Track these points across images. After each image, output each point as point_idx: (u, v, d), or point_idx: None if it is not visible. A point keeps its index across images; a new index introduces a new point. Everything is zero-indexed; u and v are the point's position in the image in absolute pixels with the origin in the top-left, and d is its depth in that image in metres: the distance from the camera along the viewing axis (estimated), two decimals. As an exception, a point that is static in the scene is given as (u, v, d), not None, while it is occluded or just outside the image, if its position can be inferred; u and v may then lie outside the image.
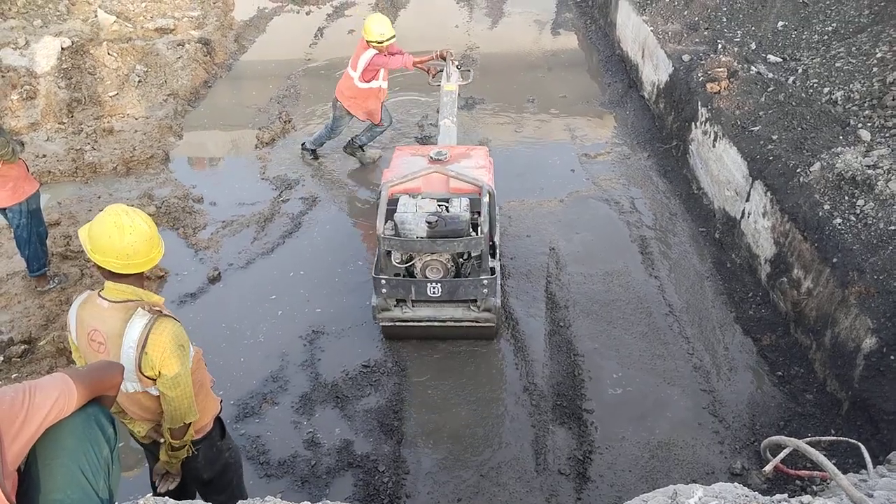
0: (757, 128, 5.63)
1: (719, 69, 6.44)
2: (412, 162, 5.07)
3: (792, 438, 3.04)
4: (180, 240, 6.14)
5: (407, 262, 4.70)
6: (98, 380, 2.20)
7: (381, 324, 4.87)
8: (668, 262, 5.76)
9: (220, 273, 5.73)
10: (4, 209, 5.14)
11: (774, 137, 5.40)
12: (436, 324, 4.80)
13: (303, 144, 7.41)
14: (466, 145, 5.72)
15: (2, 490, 1.75)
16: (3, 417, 1.79)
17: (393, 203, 4.68)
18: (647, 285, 5.50)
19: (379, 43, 6.28)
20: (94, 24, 9.59)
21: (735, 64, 6.46)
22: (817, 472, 3.27)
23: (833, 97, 5.57)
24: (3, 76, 8.10)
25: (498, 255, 4.96)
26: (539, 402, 4.53)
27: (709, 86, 6.36)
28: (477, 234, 4.49)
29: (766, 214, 5.20)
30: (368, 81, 6.53)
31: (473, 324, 4.78)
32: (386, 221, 4.61)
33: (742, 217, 5.61)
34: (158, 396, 2.83)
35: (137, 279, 2.79)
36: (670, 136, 7.25)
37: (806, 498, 2.47)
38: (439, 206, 4.66)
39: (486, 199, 4.55)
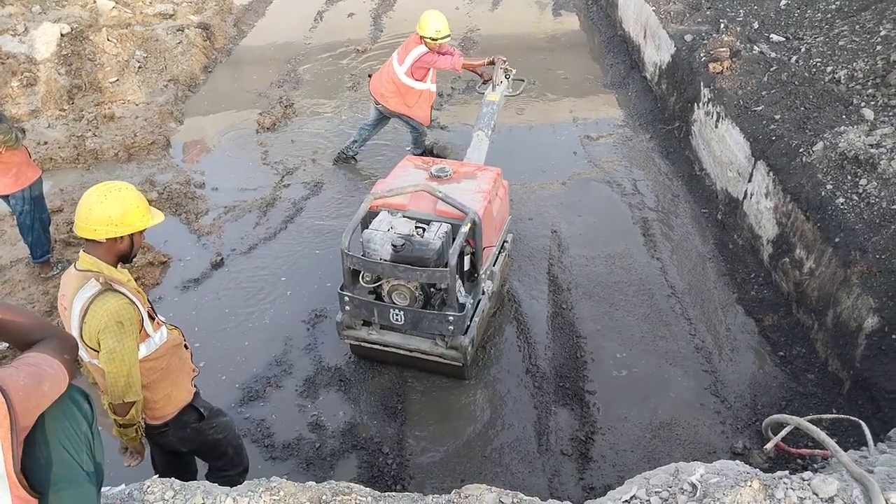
0: (759, 108, 5.60)
1: (722, 49, 6.39)
2: (412, 175, 4.69)
3: (793, 416, 3.06)
4: (183, 225, 6.15)
5: (375, 283, 4.38)
6: (69, 357, 2.21)
7: (346, 342, 4.63)
8: (671, 244, 5.75)
9: (223, 258, 5.74)
10: (7, 196, 5.15)
11: (777, 117, 5.37)
12: (402, 352, 4.48)
13: (344, 154, 7.03)
14: (480, 165, 5.17)
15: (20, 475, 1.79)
16: (18, 403, 1.81)
17: (374, 216, 4.37)
18: (649, 267, 5.50)
19: (433, 40, 6.07)
20: (93, 9, 9.54)
21: (738, 43, 6.42)
22: (818, 451, 3.29)
23: (836, 76, 5.53)
24: (2, 63, 8.08)
25: (486, 291, 4.54)
26: (541, 383, 4.56)
27: (711, 66, 6.31)
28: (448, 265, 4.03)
29: (769, 195, 5.18)
30: (418, 80, 6.31)
31: (439, 360, 4.41)
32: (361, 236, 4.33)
33: (744, 198, 5.59)
34: None
35: (107, 253, 2.83)
36: (672, 118, 7.22)
37: (807, 474, 2.49)
38: (418, 228, 4.26)
39: (464, 229, 4.12)
